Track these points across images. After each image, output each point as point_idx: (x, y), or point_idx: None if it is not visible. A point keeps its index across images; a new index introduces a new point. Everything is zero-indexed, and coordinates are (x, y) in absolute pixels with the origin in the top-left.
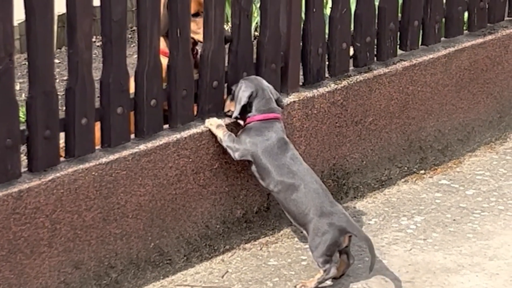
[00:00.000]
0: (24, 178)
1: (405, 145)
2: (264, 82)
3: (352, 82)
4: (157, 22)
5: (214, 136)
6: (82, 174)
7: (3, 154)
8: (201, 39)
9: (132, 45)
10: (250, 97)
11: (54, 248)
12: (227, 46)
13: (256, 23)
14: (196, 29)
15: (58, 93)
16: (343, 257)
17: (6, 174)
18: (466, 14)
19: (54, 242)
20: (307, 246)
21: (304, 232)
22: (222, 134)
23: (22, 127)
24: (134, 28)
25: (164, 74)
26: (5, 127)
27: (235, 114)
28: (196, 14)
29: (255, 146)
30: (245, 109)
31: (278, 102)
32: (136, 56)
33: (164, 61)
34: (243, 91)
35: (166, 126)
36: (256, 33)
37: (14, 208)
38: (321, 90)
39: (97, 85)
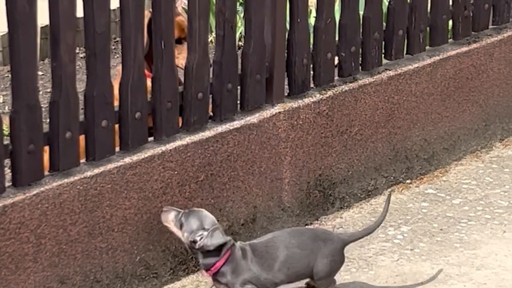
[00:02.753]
0: (8, 193)
1: (391, 155)
2: (211, 217)
3: (337, 92)
4: (141, 35)
5: (200, 148)
6: (67, 188)
7: None
8: (180, 65)
9: (115, 56)
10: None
11: (39, 263)
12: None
13: (240, 33)
14: (176, 54)
15: (42, 105)
16: None
17: None
18: (450, 22)
19: (39, 257)
20: None
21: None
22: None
23: (6, 141)
24: (118, 39)
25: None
26: None
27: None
28: (178, 41)
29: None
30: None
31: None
32: (118, 67)
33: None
34: (212, 242)
35: (151, 138)
36: (241, 43)
37: None
38: (307, 100)
39: (81, 98)
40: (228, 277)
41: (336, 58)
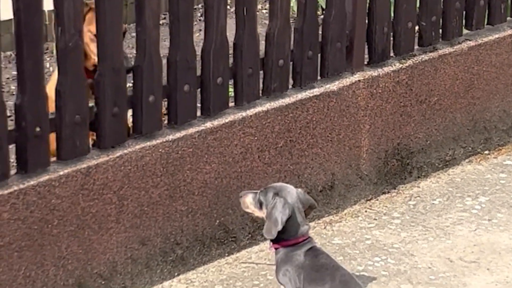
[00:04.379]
0: (93, 155)
1: (470, 125)
2: (295, 195)
3: (417, 61)
4: (224, 0)
5: (279, 114)
6: (149, 151)
7: (72, 130)
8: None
9: (196, 23)
10: (287, 220)
11: (121, 224)
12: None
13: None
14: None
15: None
16: None
17: (75, 151)
18: None
19: (121, 218)
20: (371, 225)
21: None
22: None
23: (91, 103)
24: (199, 5)
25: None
26: (74, 103)
27: (271, 236)
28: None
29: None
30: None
31: (311, 207)
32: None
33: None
34: (280, 212)
35: (232, 104)
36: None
37: (83, 184)
38: (386, 69)
39: (164, 62)
40: (279, 259)
41: (417, 28)
